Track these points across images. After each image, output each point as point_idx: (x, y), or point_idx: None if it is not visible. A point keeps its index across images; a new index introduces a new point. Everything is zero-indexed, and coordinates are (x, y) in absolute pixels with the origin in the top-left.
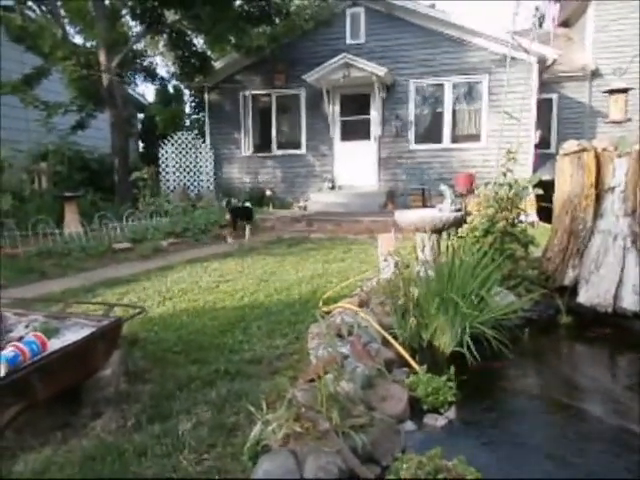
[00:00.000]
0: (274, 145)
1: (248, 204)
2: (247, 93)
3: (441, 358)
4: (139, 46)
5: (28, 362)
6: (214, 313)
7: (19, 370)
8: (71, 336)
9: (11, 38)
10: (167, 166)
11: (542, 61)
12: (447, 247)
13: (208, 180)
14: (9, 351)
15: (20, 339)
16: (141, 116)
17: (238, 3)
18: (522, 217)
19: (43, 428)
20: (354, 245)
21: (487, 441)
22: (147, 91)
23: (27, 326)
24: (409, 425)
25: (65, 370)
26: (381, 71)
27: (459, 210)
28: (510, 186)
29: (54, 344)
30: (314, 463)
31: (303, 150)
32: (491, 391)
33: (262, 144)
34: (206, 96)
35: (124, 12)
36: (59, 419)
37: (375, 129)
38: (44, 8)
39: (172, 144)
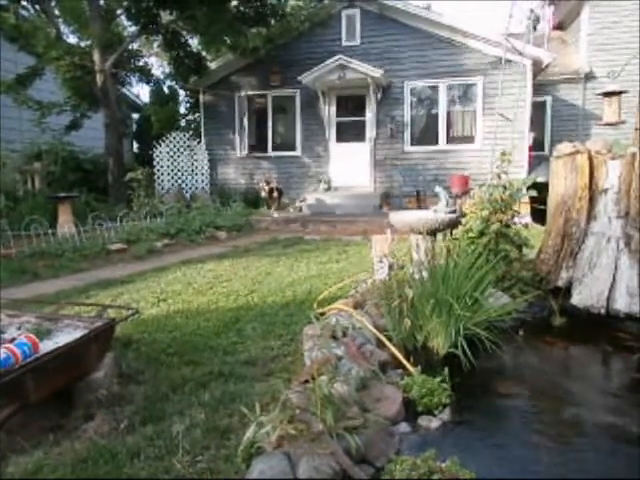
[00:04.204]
0: (269, 146)
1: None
2: (242, 94)
3: (435, 360)
4: (134, 46)
5: (20, 364)
6: (208, 314)
7: (11, 372)
8: (63, 338)
9: (4, 37)
10: (162, 167)
11: (536, 63)
12: (442, 249)
13: (203, 181)
14: (1, 353)
15: (12, 341)
16: (136, 116)
17: (234, 4)
18: (516, 219)
19: (35, 430)
20: (349, 246)
21: (481, 443)
22: (142, 92)
23: (19, 328)
24: (403, 427)
25: (57, 372)
26: (376, 73)
27: (454, 212)
28: (504, 188)
29: (46, 346)
30: (308, 465)
31: (298, 151)
32: (485, 393)
33: (257, 145)
34: (201, 97)
35: (119, 12)
36: (51, 421)
37: (370, 130)
38: (38, 7)
39: (167, 145)
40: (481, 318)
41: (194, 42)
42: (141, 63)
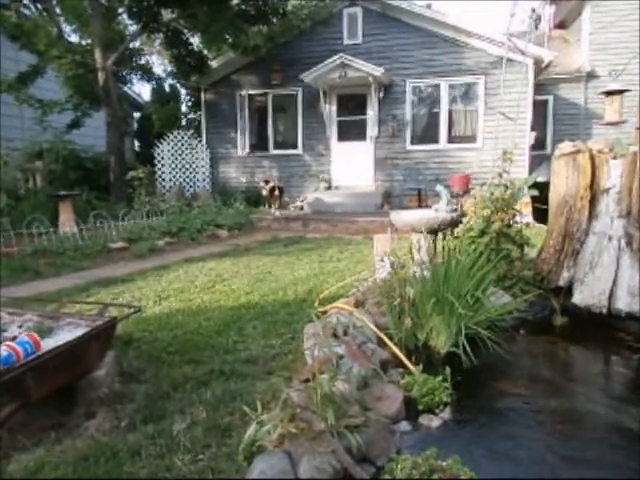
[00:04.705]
0: (270, 145)
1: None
2: (243, 92)
3: (436, 358)
4: (135, 45)
5: (22, 362)
6: (209, 313)
7: (12, 370)
8: (65, 336)
9: (6, 36)
10: (163, 165)
11: (538, 62)
12: (443, 248)
13: (204, 179)
14: (3, 351)
15: (14, 339)
16: (137, 115)
17: (235, 2)
18: (517, 218)
19: (36, 428)
20: (350, 245)
21: (482, 442)
22: (143, 90)
23: (21, 326)
24: (404, 425)
25: (59, 370)
26: (378, 71)
27: (455, 211)
28: (506, 187)
29: (48, 344)
30: (309, 463)
31: (300, 150)
32: (486, 392)
33: (258, 144)
34: (202, 95)
35: (120, 10)
36: (53, 419)
37: (372, 129)
38: (39, 6)
39: (168, 143)
40: (482, 317)
41: (195, 40)
42: (142, 61)
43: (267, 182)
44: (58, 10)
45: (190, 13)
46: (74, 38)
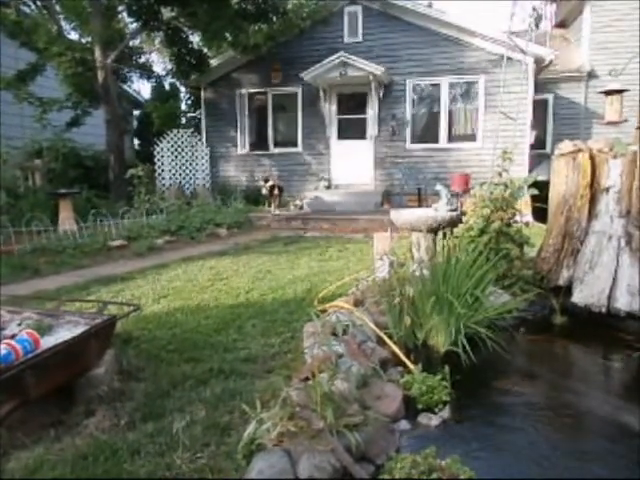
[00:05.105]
0: (270, 143)
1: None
2: (243, 91)
3: (436, 357)
4: (135, 43)
5: (21, 360)
6: (209, 311)
7: (12, 368)
8: (64, 334)
9: (6, 34)
10: (163, 164)
11: (538, 61)
12: (442, 247)
13: (204, 178)
14: (2, 349)
15: (13, 337)
16: (137, 113)
17: (235, 0)
18: (517, 217)
19: (36, 426)
20: (350, 244)
21: (481, 441)
22: (143, 88)
23: (20, 324)
24: (403, 424)
25: (58, 368)
26: (378, 70)
27: (455, 210)
28: (505, 186)
29: (47, 342)
30: (308, 462)
31: (299, 149)
32: (485, 390)
33: (258, 142)
34: (202, 94)
35: (120, 8)
36: (52, 417)
37: (372, 128)
38: (39, 3)
39: (168, 141)
40: (482, 316)
41: (195, 39)
42: (142, 60)
43: (267, 181)
44: (58, 8)
45: (190, 11)
46: (74, 36)
